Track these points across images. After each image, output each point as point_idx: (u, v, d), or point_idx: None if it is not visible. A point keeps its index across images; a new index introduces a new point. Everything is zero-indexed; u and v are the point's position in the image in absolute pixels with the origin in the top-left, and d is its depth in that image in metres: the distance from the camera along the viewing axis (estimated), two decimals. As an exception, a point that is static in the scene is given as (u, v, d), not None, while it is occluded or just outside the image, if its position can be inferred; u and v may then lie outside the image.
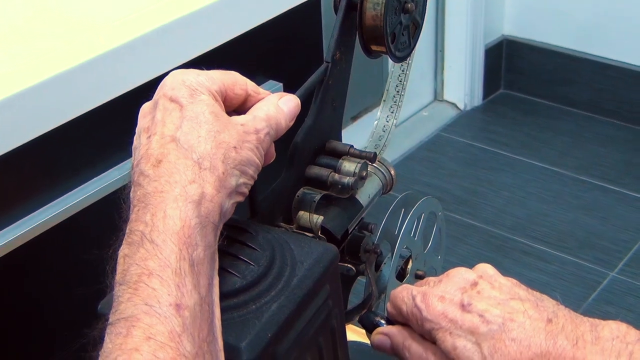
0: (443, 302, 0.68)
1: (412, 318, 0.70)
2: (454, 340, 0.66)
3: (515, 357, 0.64)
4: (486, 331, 0.65)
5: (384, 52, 0.75)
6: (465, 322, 0.66)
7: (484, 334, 0.65)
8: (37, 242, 0.91)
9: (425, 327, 0.68)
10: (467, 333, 0.66)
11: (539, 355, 0.63)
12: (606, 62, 2.81)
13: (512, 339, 0.64)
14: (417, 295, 0.69)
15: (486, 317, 0.66)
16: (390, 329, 0.73)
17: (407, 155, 2.76)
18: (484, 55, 2.95)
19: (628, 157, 2.69)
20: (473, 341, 0.65)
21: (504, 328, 0.65)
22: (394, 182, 0.82)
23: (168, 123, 0.58)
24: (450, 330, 0.66)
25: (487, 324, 0.65)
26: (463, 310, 0.67)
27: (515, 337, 0.64)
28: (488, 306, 0.66)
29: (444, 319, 0.67)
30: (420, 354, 0.69)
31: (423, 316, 0.68)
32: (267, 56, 1.17)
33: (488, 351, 0.65)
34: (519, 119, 2.91)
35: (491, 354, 0.64)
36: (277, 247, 0.62)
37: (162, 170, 0.56)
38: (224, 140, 0.58)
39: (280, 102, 0.63)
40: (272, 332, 0.57)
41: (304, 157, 0.73)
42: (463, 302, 0.67)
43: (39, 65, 0.91)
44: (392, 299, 0.72)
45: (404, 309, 0.70)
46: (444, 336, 0.67)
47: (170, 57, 1.00)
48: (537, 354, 0.63)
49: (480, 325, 0.65)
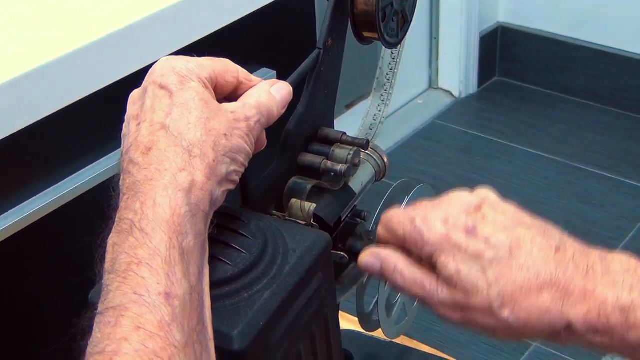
0: (446, 225, 0.65)
1: (410, 241, 0.66)
2: (457, 264, 0.63)
3: (522, 284, 0.62)
4: (492, 256, 0.63)
5: (375, 38, 0.74)
6: (470, 246, 0.63)
7: (489, 259, 0.63)
8: (29, 231, 0.90)
9: (426, 250, 0.65)
10: (472, 258, 0.63)
11: (548, 284, 0.62)
12: (602, 49, 2.80)
13: (520, 265, 0.62)
14: (416, 217, 0.66)
15: (492, 242, 0.63)
16: (381, 250, 0.68)
17: (402, 143, 2.75)
18: (479, 42, 2.94)
19: (624, 144, 2.68)
20: (478, 266, 0.63)
21: (511, 254, 0.63)
22: (386, 170, 0.81)
23: (157, 110, 0.58)
24: (453, 254, 0.64)
25: (493, 249, 0.63)
26: (468, 234, 0.64)
27: (523, 263, 0.62)
28: (494, 231, 0.64)
29: (447, 242, 0.64)
30: (415, 278, 0.66)
31: (424, 239, 0.65)
32: (260, 43, 1.17)
33: (493, 277, 0.62)
34: (514, 106, 2.91)
35: (497, 280, 0.62)
36: (269, 235, 0.62)
37: (151, 158, 0.56)
38: (214, 127, 0.57)
39: (273, 90, 0.63)
40: (264, 321, 0.56)
41: (296, 145, 0.72)
42: (468, 225, 0.64)
43: (30, 54, 0.90)
44: (386, 222, 0.68)
45: (400, 232, 0.67)
46: (446, 260, 0.64)
47: (161, 45, 0.99)
48: (547, 282, 0.62)
49: (486, 250, 0.63)
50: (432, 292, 0.65)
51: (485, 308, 0.63)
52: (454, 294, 0.64)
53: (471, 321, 0.64)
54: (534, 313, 0.62)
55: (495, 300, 0.62)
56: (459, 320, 0.65)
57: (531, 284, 0.62)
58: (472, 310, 0.63)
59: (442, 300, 0.65)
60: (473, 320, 0.64)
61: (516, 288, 0.62)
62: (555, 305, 0.61)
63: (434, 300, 0.65)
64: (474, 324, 0.64)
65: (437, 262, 0.65)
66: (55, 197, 0.93)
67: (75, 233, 0.86)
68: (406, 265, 0.67)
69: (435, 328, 2.03)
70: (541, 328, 0.62)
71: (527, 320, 0.62)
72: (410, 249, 0.67)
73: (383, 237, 0.69)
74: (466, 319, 0.64)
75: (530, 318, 0.62)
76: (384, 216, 0.69)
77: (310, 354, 0.63)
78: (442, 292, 0.64)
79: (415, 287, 0.66)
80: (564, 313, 0.61)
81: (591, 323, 0.61)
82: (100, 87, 0.94)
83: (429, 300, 0.65)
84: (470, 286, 0.63)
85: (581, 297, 0.61)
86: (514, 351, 1.98)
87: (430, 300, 0.65)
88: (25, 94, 0.87)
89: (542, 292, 0.62)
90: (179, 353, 0.50)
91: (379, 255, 0.69)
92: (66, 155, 0.95)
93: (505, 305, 0.62)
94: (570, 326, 0.61)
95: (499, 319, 0.62)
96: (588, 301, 0.61)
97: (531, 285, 0.62)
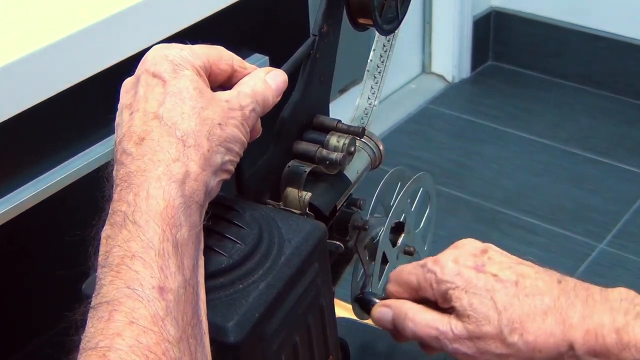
0: (457, 264, 0.71)
1: (424, 285, 0.71)
2: (469, 297, 0.69)
3: (529, 310, 0.67)
4: (501, 288, 0.68)
5: (371, 25, 0.73)
6: (480, 280, 0.69)
7: (499, 290, 0.68)
8: (16, 222, 0.89)
9: (440, 288, 0.70)
10: (483, 290, 0.69)
11: (552, 309, 0.67)
12: (596, 33, 2.80)
13: (526, 294, 0.68)
14: (427, 262, 0.72)
15: (500, 276, 0.69)
16: (392, 300, 0.74)
17: (395, 128, 2.75)
18: (472, 27, 2.93)
19: (618, 129, 2.68)
20: (489, 297, 0.68)
21: (517, 286, 0.69)
22: (382, 157, 0.81)
23: (151, 99, 0.57)
24: (466, 289, 0.69)
25: (501, 282, 0.69)
26: (477, 271, 0.70)
27: (529, 292, 0.68)
28: (500, 269, 0.70)
29: (460, 278, 0.70)
30: (427, 321, 0.71)
31: (438, 278, 0.70)
32: (252, 29, 1.16)
33: (502, 306, 0.68)
34: (507, 91, 2.90)
35: (506, 308, 0.68)
36: (265, 225, 0.61)
37: (145, 149, 0.55)
38: (209, 116, 0.57)
39: (268, 78, 0.62)
40: (259, 312, 0.56)
41: (291, 133, 0.72)
42: (477, 264, 0.70)
43: (20, 40, 0.89)
44: (396, 277, 0.74)
45: (413, 279, 0.72)
46: (460, 294, 0.69)
47: (153, 31, 0.98)
48: (550, 307, 0.67)
49: (495, 283, 0.69)
50: (446, 330, 0.70)
51: (497, 335, 0.68)
52: (468, 325, 0.69)
53: (484, 351, 0.69)
54: (540, 336, 0.67)
55: (506, 327, 0.67)
56: (472, 353, 0.69)
57: (537, 309, 0.67)
58: (484, 339, 0.68)
59: (456, 334, 0.69)
60: (486, 350, 0.68)
61: (523, 314, 0.67)
62: (559, 328, 0.67)
63: (449, 336, 0.70)
64: (487, 353, 0.69)
65: (452, 297, 0.70)
66: (43, 186, 0.92)
67: (65, 224, 0.85)
68: (418, 309, 0.72)
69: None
70: (548, 351, 0.67)
71: (535, 344, 0.67)
72: (424, 293, 0.72)
73: (394, 293, 0.75)
74: (480, 348, 0.69)
75: (537, 341, 0.67)
76: (392, 273, 0.75)
77: (306, 344, 0.63)
78: (456, 326, 0.69)
79: (428, 329, 0.71)
80: (566, 335, 0.66)
81: (589, 344, 0.66)
82: (87, 75, 0.93)
83: (443, 337, 0.70)
84: (482, 316, 0.68)
85: (581, 320, 0.66)
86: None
87: (443, 337, 0.70)
88: (14, 81, 0.86)
89: (546, 317, 0.67)
90: (173, 348, 0.49)
91: (390, 305, 0.74)
92: (54, 144, 0.94)
93: (514, 331, 0.67)
94: (572, 347, 0.66)
95: (510, 345, 0.67)
96: (587, 324, 0.66)
97: (537, 311, 0.67)
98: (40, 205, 0.92)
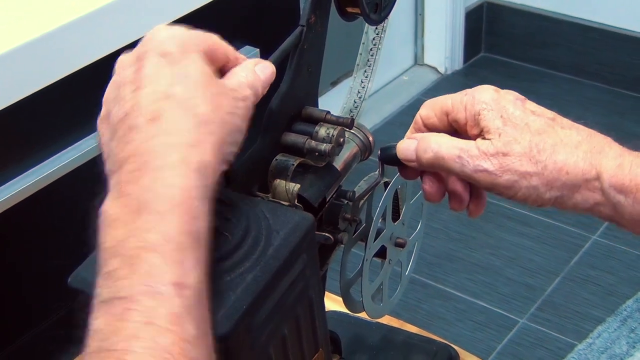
0: (498, 93, 0.70)
1: (459, 105, 0.70)
2: (503, 121, 0.68)
3: (564, 138, 0.67)
4: (536, 119, 0.68)
5: (359, 14, 0.73)
6: (517, 110, 0.68)
7: (534, 120, 0.68)
8: (7, 215, 0.89)
9: (475, 108, 0.69)
10: (518, 119, 0.68)
11: (585, 141, 0.67)
12: (588, 24, 2.79)
13: (562, 127, 0.68)
14: (466, 90, 0.71)
15: (537, 112, 0.69)
16: (418, 133, 0.73)
17: (388, 120, 2.74)
18: (464, 18, 2.93)
19: (610, 120, 2.68)
20: (524, 123, 0.67)
21: (554, 121, 0.69)
22: (372, 148, 0.81)
23: (160, 78, 0.55)
24: (501, 114, 0.68)
25: (538, 116, 0.68)
26: (515, 103, 0.69)
27: (565, 125, 0.68)
28: (538, 107, 0.70)
29: (496, 104, 0.69)
30: (451, 142, 0.69)
31: (475, 98, 0.69)
32: (243, 21, 1.15)
33: (536, 130, 0.67)
34: (500, 82, 2.86)
35: (539, 132, 0.67)
36: (252, 217, 0.61)
37: (157, 129, 0.53)
38: (222, 104, 0.55)
39: (257, 69, 0.61)
40: (247, 304, 0.55)
41: (279, 124, 0.71)
42: (518, 96, 0.70)
43: (11, 32, 0.89)
44: (431, 102, 0.73)
45: (449, 102, 0.71)
46: (493, 116, 0.68)
47: (143, 23, 0.98)
48: (584, 140, 0.67)
49: (531, 115, 0.68)
50: (470, 147, 0.68)
51: (525, 154, 0.66)
52: (497, 142, 0.67)
53: (507, 168, 0.67)
54: (570, 158, 0.66)
55: (536, 147, 0.66)
56: (494, 169, 0.67)
57: (571, 139, 0.67)
58: (511, 155, 0.66)
59: (482, 150, 0.67)
60: (509, 167, 0.67)
61: (557, 140, 0.67)
62: (591, 156, 0.66)
63: (473, 152, 0.67)
64: (510, 171, 0.67)
65: (484, 117, 0.68)
66: (36, 178, 0.92)
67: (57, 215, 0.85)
68: (442, 135, 0.70)
69: (422, 306, 2.03)
70: (575, 173, 0.66)
71: (564, 163, 0.66)
72: (456, 115, 0.70)
73: (423, 117, 0.73)
74: (503, 165, 0.67)
75: (567, 162, 0.66)
76: (427, 101, 0.74)
77: (294, 336, 0.63)
78: (482, 144, 0.67)
79: (452, 148, 0.68)
80: (597, 163, 0.66)
81: (618, 177, 0.65)
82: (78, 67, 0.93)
83: (466, 155, 0.68)
84: (513, 137, 0.67)
85: (615, 155, 0.66)
86: (500, 327, 1.98)
87: (467, 155, 0.68)
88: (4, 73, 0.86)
89: (580, 145, 0.67)
90: (192, 348, 0.48)
91: (415, 136, 0.72)
92: (44, 137, 0.94)
93: (544, 151, 0.66)
94: (599, 177, 0.66)
95: (537, 162, 0.66)
96: (621, 159, 0.66)
97: (571, 141, 0.67)
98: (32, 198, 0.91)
